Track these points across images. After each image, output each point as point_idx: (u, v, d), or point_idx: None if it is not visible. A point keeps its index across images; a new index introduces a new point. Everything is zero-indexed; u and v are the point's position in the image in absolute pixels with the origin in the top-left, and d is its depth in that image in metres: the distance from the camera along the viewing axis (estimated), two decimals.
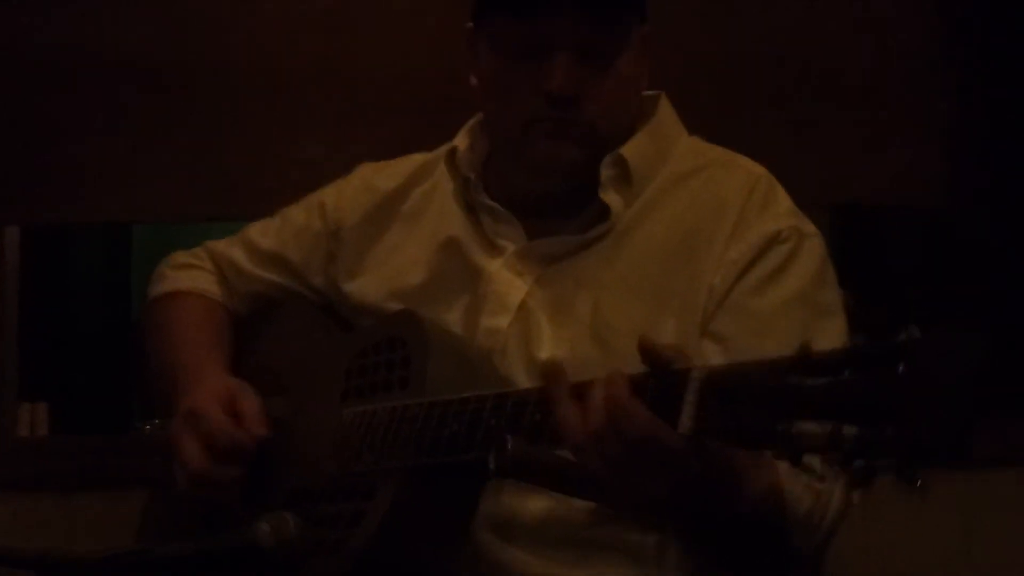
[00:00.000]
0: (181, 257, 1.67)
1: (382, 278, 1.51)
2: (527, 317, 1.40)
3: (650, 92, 1.51)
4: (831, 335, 1.35)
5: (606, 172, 1.41)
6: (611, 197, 1.41)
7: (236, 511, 1.37)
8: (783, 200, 1.44)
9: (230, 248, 1.64)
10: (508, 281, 1.43)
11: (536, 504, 1.34)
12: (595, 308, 1.39)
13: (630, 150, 1.43)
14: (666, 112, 1.50)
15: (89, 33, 2.17)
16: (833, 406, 0.94)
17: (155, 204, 2.20)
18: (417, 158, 1.59)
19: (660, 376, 1.08)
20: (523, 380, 1.36)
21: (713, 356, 1.33)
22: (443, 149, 1.54)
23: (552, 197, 1.45)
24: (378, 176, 1.60)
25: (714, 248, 1.38)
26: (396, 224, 1.55)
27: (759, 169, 1.46)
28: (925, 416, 0.90)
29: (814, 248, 1.40)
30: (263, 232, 1.63)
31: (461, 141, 1.51)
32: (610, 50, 1.39)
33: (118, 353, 1.65)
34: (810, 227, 1.43)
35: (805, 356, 0.98)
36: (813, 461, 0.98)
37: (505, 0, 1.39)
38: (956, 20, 2.23)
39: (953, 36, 2.24)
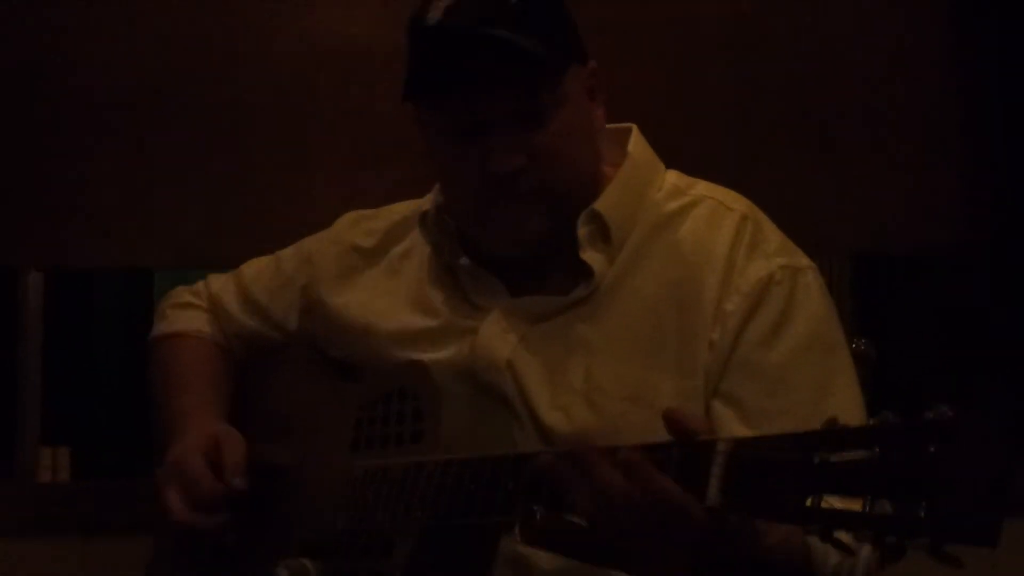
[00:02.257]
0: (182, 295, 1.67)
1: (361, 324, 1.48)
2: (518, 377, 1.37)
3: (619, 125, 1.46)
4: (842, 374, 1.33)
5: (582, 230, 1.37)
6: (592, 256, 1.37)
7: (246, 558, 1.36)
8: (771, 237, 1.39)
9: (224, 288, 1.64)
10: (495, 337, 1.39)
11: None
12: (587, 374, 1.35)
13: (605, 204, 1.38)
14: (639, 149, 1.45)
15: (108, 78, 2.19)
16: (863, 483, 0.94)
17: (175, 248, 2.21)
18: (398, 210, 1.56)
19: (685, 447, 1.06)
20: (532, 440, 1.34)
21: (728, 419, 1.30)
22: (422, 202, 1.51)
23: (529, 257, 1.41)
24: (355, 231, 1.57)
25: (705, 299, 1.34)
26: (371, 277, 1.52)
27: (742, 206, 1.41)
28: (957, 496, 0.90)
29: (810, 284, 1.36)
30: (256, 277, 1.63)
31: (431, 203, 1.47)
32: (545, 110, 1.33)
33: (140, 397, 1.65)
34: (802, 260, 1.38)
35: (832, 431, 0.97)
36: (842, 536, 0.96)
37: (426, 88, 1.35)
38: (973, 65, 2.23)
39: (970, 83, 2.24)
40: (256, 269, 1.64)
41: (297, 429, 1.48)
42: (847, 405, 1.27)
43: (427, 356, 1.38)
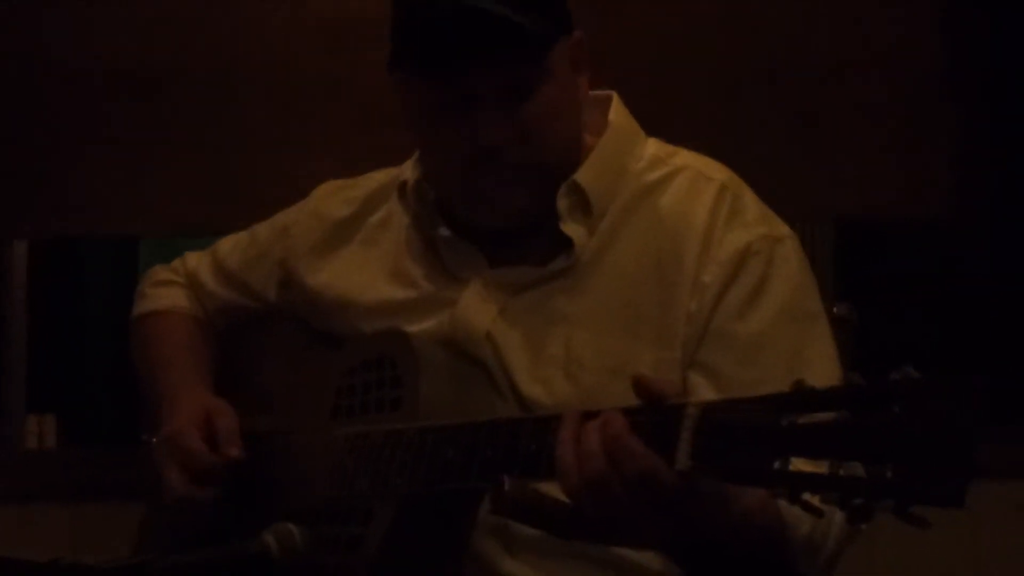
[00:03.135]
0: (160, 273, 1.67)
1: (340, 299, 1.48)
2: (498, 349, 1.37)
3: (600, 92, 1.45)
4: (818, 343, 1.33)
5: (563, 202, 1.36)
6: (572, 228, 1.36)
7: (231, 525, 1.37)
8: (751, 206, 1.38)
9: (200, 264, 1.64)
10: (475, 308, 1.38)
11: None
12: (567, 346, 1.34)
13: (585, 175, 1.37)
14: (620, 118, 1.44)
15: (95, 45, 2.18)
16: (830, 446, 0.94)
17: (161, 217, 2.21)
18: (376, 178, 1.54)
19: (655, 412, 1.06)
20: (512, 407, 1.34)
21: (704, 389, 1.30)
22: (401, 169, 1.50)
23: (511, 228, 1.40)
24: (332, 201, 1.55)
25: (684, 270, 1.33)
26: (348, 250, 1.51)
27: (722, 174, 1.40)
28: (922, 459, 0.90)
29: (788, 254, 1.36)
30: (231, 250, 1.63)
31: (411, 173, 1.46)
32: (531, 84, 1.32)
33: (125, 365, 1.66)
34: (781, 229, 1.37)
35: (800, 393, 0.97)
36: (810, 498, 0.97)
37: (413, 60, 1.34)
38: (965, 34, 2.23)
39: (959, 51, 2.24)
40: (231, 243, 1.64)
41: (280, 398, 1.49)
42: (823, 375, 1.25)
43: (408, 328, 1.38)
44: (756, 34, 2.22)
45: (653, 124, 1.49)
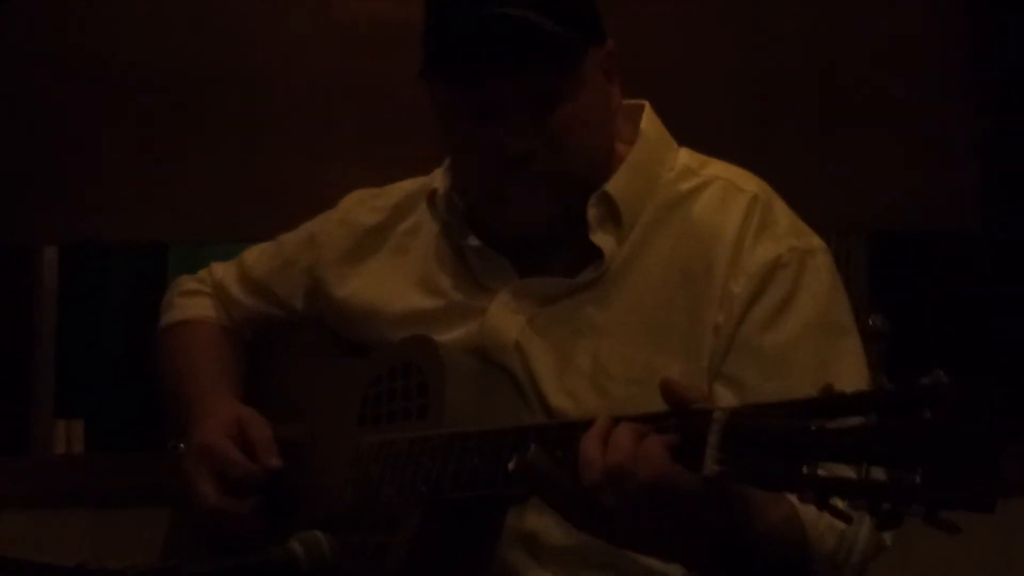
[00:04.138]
0: (187, 283, 1.67)
1: (368, 308, 1.47)
2: (527, 359, 1.36)
3: (632, 102, 1.44)
4: (847, 357, 1.32)
5: (593, 212, 1.35)
6: (602, 239, 1.35)
7: (257, 532, 1.37)
8: (781, 218, 1.37)
9: (226, 273, 1.64)
10: (504, 318, 1.37)
11: (565, 525, 1.32)
12: (595, 357, 1.33)
13: (615, 185, 1.36)
14: (651, 128, 1.43)
15: (126, 52, 2.20)
16: (859, 450, 0.93)
17: (189, 223, 2.21)
18: (404, 187, 1.54)
19: (682, 416, 1.06)
20: (538, 417, 1.33)
21: (728, 402, 1.26)
22: (431, 178, 1.49)
23: (540, 238, 1.39)
24: (360, 209, 1.55)
25: (714, 281, 1.32)
26: (377, 260, 1.50)
27: (753, 186, 1.39)
28: (952, 463, 0.89)
29: (819, 266, 1.34)
30: (258, 259, 1.63)
31: (440, 182, 1.45)
32: (562, 93, 1.31)
33: (153, 371, 1.66)
34: (813, 241, 1.36)
35: (829, 397, 0.96)
36: (838, 503, 0.95)
37: (445, 67, 1.33)
38: (991, 46, 2.22)
39: (988, 62, 2.23)
40: (258, 252, 1.64)
41: (307, 407, 1.48)
42: (851, 386, 1.25)
43: (437, 337, 1.37)
44: (783, 45, 2.22)
45: (682, 136, 1.48)
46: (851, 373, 1.31)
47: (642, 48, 2.15)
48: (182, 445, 1.46)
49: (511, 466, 1.11)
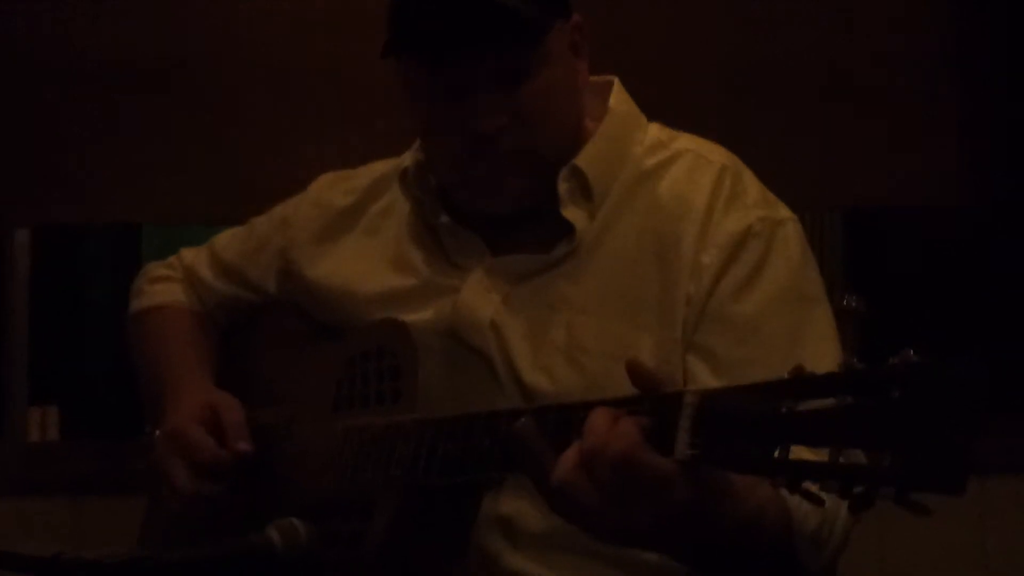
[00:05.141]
0: (156, 270, 1.66)
1: (340, 289, 1.47)
2: (502, 338, 1.35)
3: (601, 78, 1.43)
4: (817, 326, 1.32)
5: (563, 186, 1.35)
6: (573, 213, 1.35)
7: (235, 519, 1.36)
8: (751, 189, 1.37)
9: (197, 259, 1.63)
10: (478, 297, 1.37)
11: (542, 510, 1.31)
12: (568, 332, 1.33)
13: (585, 159, 1.36)
14: (620, 103, 1.42)
15: (95, 34, 2.18)
16: (830, 432, 0.92)
17: (161, 205, 2.21)
18: (376, 168, 1.54)
19: (653, 401, 1.05)
20: (514, 400, 1.33)
21: (701, 372, 1.29)
22: (403, 158, 1.48)
23: (511, 214, 1.39)
24: (333, 191, 1.54)
25: (684, 253, 1.32)
26: (350, 240, 1.50)
27: (722, 157, 1.39)
28: (922, 444, 0.88)
29: (788, 236, 1.34)
30: (229, 243, 1.62)
31: (411, 160, 1.44)
32: (527, 69, 1.31)
33: (128, 356, 1.65)
34: (782, 212, 1.36)
35: (799, 379, 0.96)
36: (810, 486, 0.95)
37: (408, 46, 1.33)
38: (969, 22, 2.22)
39: (966, 38, 2.23)
40: (228, 237, 1.64)
41: (281, 391, 1.47)
42: (820, 356, 1.24)
43: (409, 317, 1.37)
44: (761, 21, 2.21)
45: (658, 112, 1.47)
46: (820, 340, 1.31)
47: (626, 27, 2.15)
48: (157, 432, 1.45)
49: (504, 432, 1.10)
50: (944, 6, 2.23)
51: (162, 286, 1.63)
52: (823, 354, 1.28)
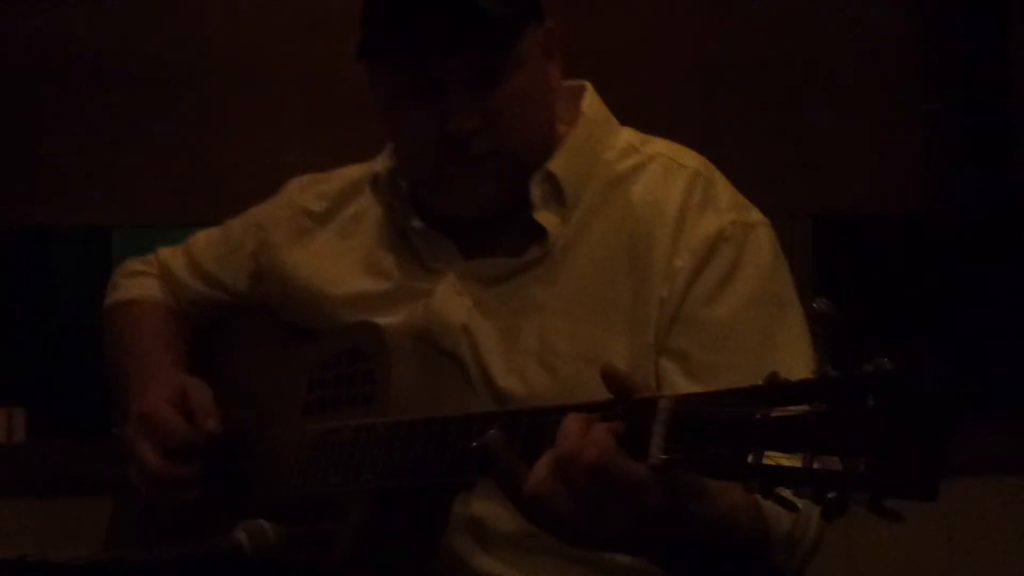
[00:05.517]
0: (133, 265, 1.66)
1: (313, 292, 1.47)
2: (474, 342, 1.36)
3: (574, 82, 1.44)
4: (790, 329, 1.33)
5: (536, 191, 1.36)
6: (545, 218, 1.35)
7: (202, 521, 1.36)
8: (723, 193, 1.38)
9: (173, 257, 1.64)
10: (450, 301, 1.37)
11: (512, 512, 1.32)
12: (541, 336, 1.34)
13: (558, 164, 1.36)
14: (593, 108, 1.43)
15: (68, 33, 2.17)
16: (803, 439, 0.93)
17: (135, 207, 2.19)
18: (349, 173, 1.53)
19: (627, 406, 1.05)
20: (485, 400, 1.33)
21: (674, 375, 1.30)
22: (374, 163, 1.48)
23: (483, 218, 1.39)
24: (305, 194, 1.54)
25: (657, 257, 1.33)
26: (322, 241, 1.50)
27: (695, 161, 1.40)
28: (895, 451, 0.89)
29: (760, 240, 1.35)
30: (205, 245, 1.62)
31: (383, 165, 1.44)
32: (500, 71, 1.31)
33: (97, 357, 1.65)
34: (754, 215, 1.37)
35: (773, 385, 0.96)
36: (783, 491, 0.97)
37: (380, 47, 1.33)
38: (937, 27, 2.24)
39: (934, 43, 2.25)
40: (204, 238, 1.64)
41: (253, 392, 1.47)
42: (793, 359, 1.25)
43: (381, 320, 1.37)
44: (732, 27, 2.22)
45: (630, 117, 1.48)
46: (793, 344, 1.32)
47: (597, 31, 2.15)
48: (124, 428, 1.44)
49: (475, 444, 1.10)
50: (912, 11, 2.24)
51: (138, 280, 1.63)
52: (795, 357, 1.29)
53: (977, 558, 2.12)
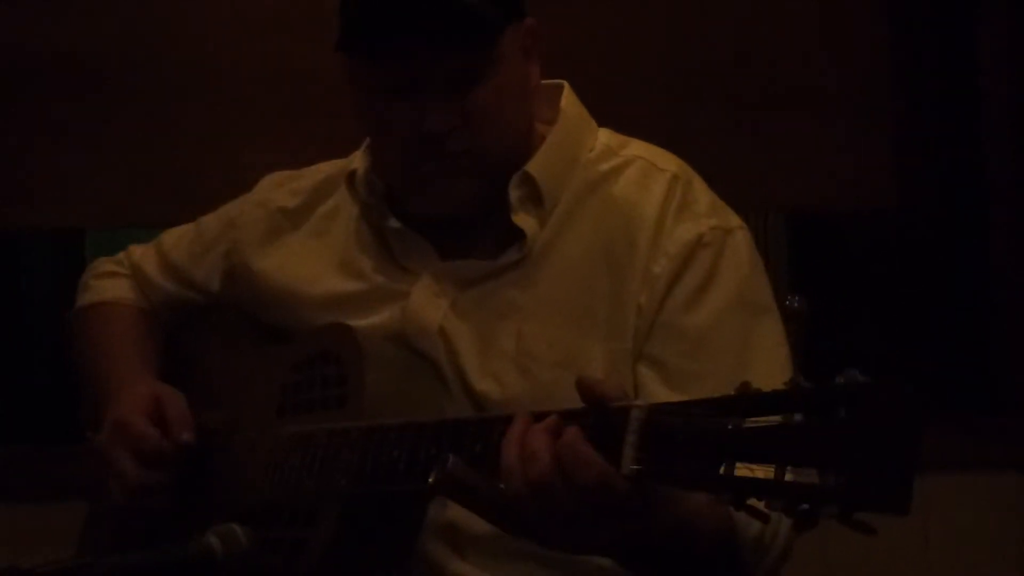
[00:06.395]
0: (104, 265, 1.64)
1: (286, 291, 1.46)
2: (451, 345, 1.35)
3: (551, 82, 1.43)
4: (767, 336, 1.32)
5: (514, 193, 1.34)
6: (523, 220, 1.34)
7: (175, 526, 1.35)
8: (701, 197, 1.37)
9: (144, 256, 1.62)
10: (427, 303, 1.36)
11: None
12: (518, 340, 1.32)
13: (537, 166, 1.35)
14: (571, 108, 1.42)
15: (32, 36, 2.15)
16: (775, 450, 0.92)
17: (103, 209, 2.18)
18: (323, 169, 1.52)
19: (600, 415, 1.05)
20: (462, 407, 1.32)
21: (651, 382, 1.29)
22: (349, 160, 1.47)
23: (461, 219, 1.38)
24: (278, 192, 1.53)
25: (635, 261, 1.32)
26: (295, 240, 1.48)
27: (673, 165, 1.39)
28: (866, 464, 0.89)
29: (739, 245, 1.35)
30: (176, 243, 1.60)
31: (359, 163, 1.43)
32: (479, 70, 1.30)
33: (67, 362, 1.63)
34: (732, 220, 1.37)
35: (745, 396, 0.96)
36: (755, 503, 0.97)
37: (362, 42, 1.31)
38: (904, 27, 2.25)
39: (904, 45, 2.26)
40: (176, 236, 1.62)
41: (227, 394, 1.46)
42: (769, 368, 1.26)
43: (357, 322, 1.36)
44: (705, 26, 2.23)
45: (603, 116, 1.48)
46: (769, 353, 1.32)
47: (571, 30, 2.15)
48: (100, 430, 1.43)
49: (431, 480, 1.09)
50: (882, 11, 2.26)
51: (109, 281, 1.62)
52: (772, 365, 1.29)
53: (951, 553, 2.14)
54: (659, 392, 1.27)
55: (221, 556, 1.06)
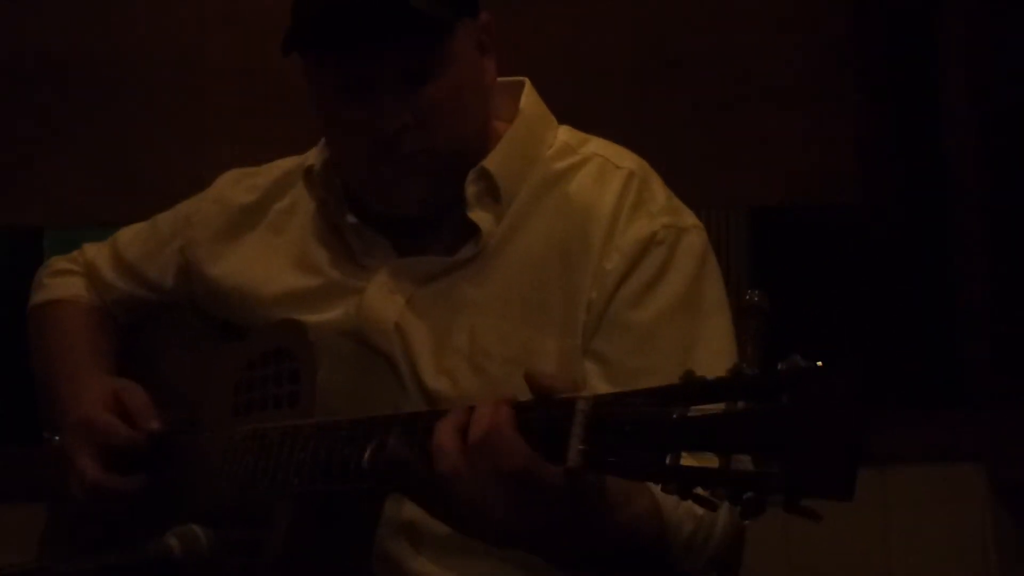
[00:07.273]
0: (58, 263, 1.63)
1: (242, 288, 1.45)
2: (407, 341, 1.34)
3: (512, 78, 1.43)
4: (712, 337, 1.32)
5: (471, 189, 1.34)
6: (479, 216, 1.34)
7: (135, 528, 1.34)
8: (658, 195, 1.37)
9: (99, 255, 1.61)
10: (382, 299, 1.36)
11: None
12: (472, 335, 1.33)
13: (494, 161, 1.35)
14: (531, 105, 1.42)
15: None
16: (720, 438, 0.92)
17: (64, 208, 2.17)
18: (282, 165, 1.51)
19: (546, 407, 1.04)
20: (415, 401, 1.32)
21: (596, 378, 1.29)
22: (307, 156, 1.46)
23: (417, 217, 1.38)
24: (236, 188, 1.52)
25: (589, 259, 1.32)
26: (252, 238, 1.48)
27: (631, 163, 1.39)
28: (810, 450, 0.88)
29: (692, 244, 1.34)
30: (131, 241, 1.59)
31: (317, 159, 1.42)
32: (431, 68, 1.29)
33: (26, 362, 1.62)
34: (688, 220, 1.36)
35: (689, 384, 0.96)
36: (701, 492, 0.96)
37: (309, 43, 1.31)
38: (866, 21, 2.26)
39: (865, 41, 2.27)
40: (131, 234, 1.61)
41: (183, 393, 1.45)
42: (712, 368, 1.26)
43: (313, 318, 1.35)
44: (664, 22, 2.23)
45: (563, 112, 1.48)
46: (714, 352, 1.31)
47: (532, 26, 2.15)
48: (56, 437, 1.42)
49: (366, 460, 1.09)
50: (840, 5, 2.27)
51: (63, 280, 1.60)
52: (717, 365, 1.28)
53: (912, 545, 2.15)
54: (601, 388, 1.27)
55: (181, 557, 1.05)
